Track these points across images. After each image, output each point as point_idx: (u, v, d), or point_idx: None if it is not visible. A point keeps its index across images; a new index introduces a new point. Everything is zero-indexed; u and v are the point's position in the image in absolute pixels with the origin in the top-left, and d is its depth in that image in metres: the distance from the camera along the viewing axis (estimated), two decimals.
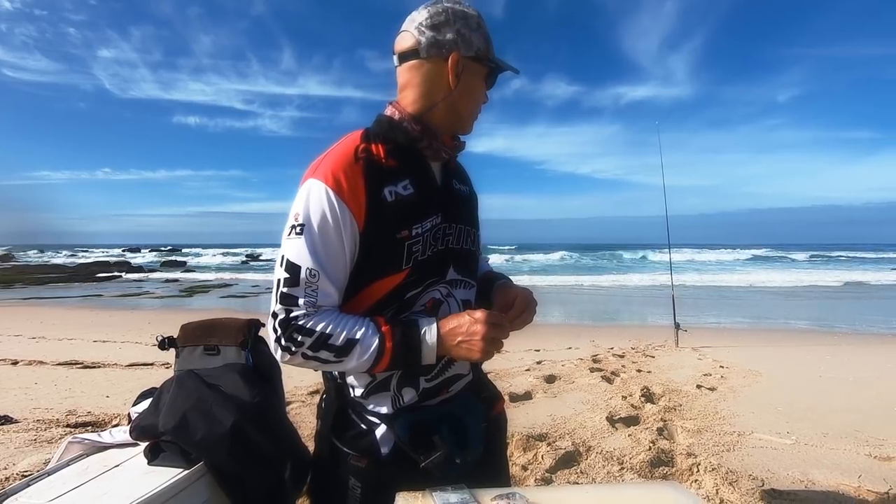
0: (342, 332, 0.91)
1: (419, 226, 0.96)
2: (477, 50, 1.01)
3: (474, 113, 1.07)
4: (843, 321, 9.21)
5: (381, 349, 0.91)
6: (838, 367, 5.03)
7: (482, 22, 1.02)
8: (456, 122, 1.05)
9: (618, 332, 7.90)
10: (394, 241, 0.94)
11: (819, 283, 17.73)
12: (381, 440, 1.01)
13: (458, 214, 1.06)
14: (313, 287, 0.91)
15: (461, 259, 1.05)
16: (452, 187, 1.08)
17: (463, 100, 1.03)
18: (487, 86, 1.07)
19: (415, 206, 0.97)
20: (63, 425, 3.14)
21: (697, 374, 4.70)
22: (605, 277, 21.63)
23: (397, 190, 0.96)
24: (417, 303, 0.99)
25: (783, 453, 2.80)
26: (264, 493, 1.18)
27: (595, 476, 2.49)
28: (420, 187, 0.99)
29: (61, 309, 11.47)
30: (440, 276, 1.01)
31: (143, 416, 1.29)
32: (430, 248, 0.98)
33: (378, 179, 0.94)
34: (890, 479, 2.44)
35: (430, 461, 0.97)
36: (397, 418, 1.00)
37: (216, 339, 1.48)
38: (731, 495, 2.27)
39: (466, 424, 1.03)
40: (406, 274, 0.96)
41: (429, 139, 1.01)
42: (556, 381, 4.44)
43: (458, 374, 1.06)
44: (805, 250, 45.49)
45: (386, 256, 0.95)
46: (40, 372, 4.82)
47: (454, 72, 0.99)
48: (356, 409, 1.04)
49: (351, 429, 1.04)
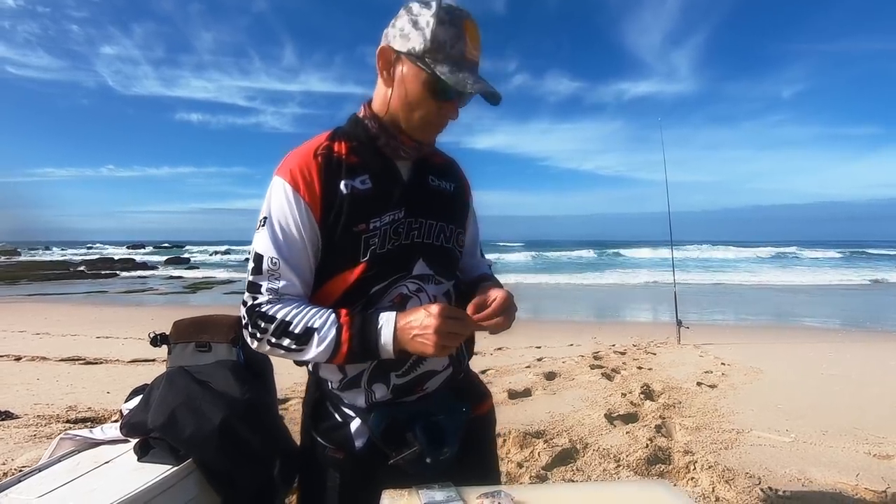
0: (301, 321, 0.93)
1: (377, 220, 0.97)
2: (411, 49, 0.93)
3: (418, 121, 0.98)
4: (850, 319, 9.16)
5: (338, 340, 0.91)
6: (841, 364, 4.99)
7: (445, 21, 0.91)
8: (406, 126, 1.00)
9: (620, 328, 7.88)
10: (351, 235, 0.96)
11: (825, 282, 17.62)
12: (355, 433, 1.03)
13: (429, 210, 1.03)
14: (275, 275, 0.95)
15: (431, 254, 1.03)
16: (427, 183, 1.06)
17: (402, 104, 0.98)
18: (437, 96, 0.95)
19: (372, 201, 0.98)
20: (63, 421, 3.16)
21: (698, 372, 4.68)
22: (607, 274, 21.61)
23: (354, 184, 0.98)
24: (384, 298, 0.99)
25: (781, 451, 2.79)
26: (253, 490, 1.19)
27: (591, 474, 2.48)
28: (379, 182, 1.00)
29: (65, 305, 11.55)
30: (406, 270, 1.00)
31: (133, 412, 1.30)
32: (390, 243, 0.98)
33: (335, 174, 0.97)
34: (888, 477, 2.42)
35: (399, 458, 0.98)
36: (371, 412, 1.01)
37: (208, 335, 1.49)
38: (726, 493, 2.26)
39: (442, 424, 1.02)
40: (364, 267, 0.97)
41: (386, 137, 1.01)
42: (556, 378, 4.44)
43: (432, 371, 1.04)
44: (810, 247, 45.21)
45: (344, 250, 0.97)
46: (43, 368, 4.85)
47: (380, 65, 0.98)
48: (333, 401, 1.06)
49: (327, 421, 1.06)
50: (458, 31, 0.92)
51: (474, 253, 1.21)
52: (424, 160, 1.07)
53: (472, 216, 1.18)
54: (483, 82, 0.93)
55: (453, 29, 0.92)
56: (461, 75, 0.91)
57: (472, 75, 0.93)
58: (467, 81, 0.91)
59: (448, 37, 0.91)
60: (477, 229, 1.22)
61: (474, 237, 1.21)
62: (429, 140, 1.04)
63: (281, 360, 1.20)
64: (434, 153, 1.12)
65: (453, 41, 0.92)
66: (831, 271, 21.17)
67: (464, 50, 0.93)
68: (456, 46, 0.92)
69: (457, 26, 0.92)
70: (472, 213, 1.18)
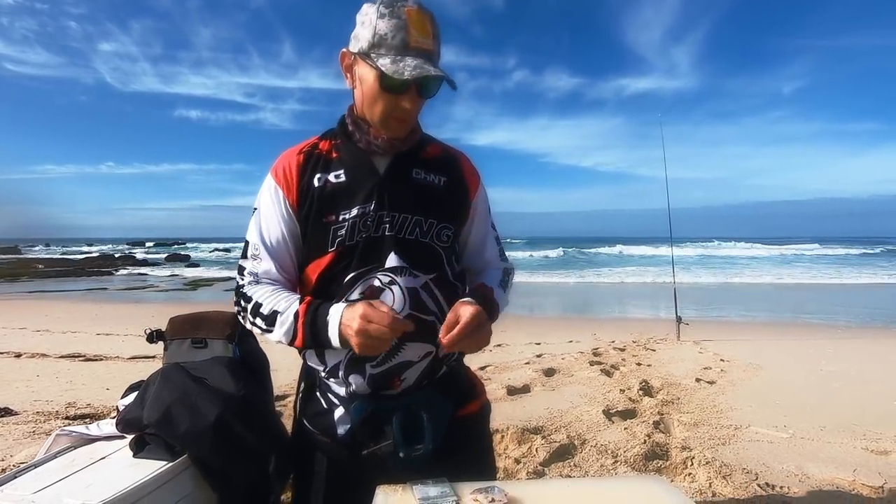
0: (270, 303, 1.00)
1: (346, 211, 1.02)
2: (360, 48, 0.98)
3: (378, 116, 1.01)
4: (848, 314, 9.15)
5: (294, 326, 0.97)
6: (841, 360, 4.99)
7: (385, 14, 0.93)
8: (371, 122, 1.04)
9: (620, 325, 7.88)
10: (321, 225, 1.02)
11: (826, 280, 17.61)
12: (338, 421, 1.07)
13: (404, 204, 1.03)
14: (257, 259, 1.05)
15: (405, 248, 1.02)
16: (409, 177, 1.06)
17: (363, 100, 1.03)
18: (388, 89, 0.97)
19: (342, 193, 1.03)
20: (62, 417, 3.17)
21: (697, 368, 4.68)
22: (607, 270, 21.60)
23: (328, 177, 1.04)
24: (356, 288, 1.01)
25: (779, 447, 2.79)
26: (248, 486, 1.19)
27: (588, 469, 2.49)
28: (353, 176, 1.04)
29: (66, 302, 11.56)
30: (377, 262, 1.01)
31: (129, 408, 1.30)
32: (358, 234, 1.01)
33: (312, 168, 1.05)
34: (885, 472, 2.42)
35: (373, 449, 1.01)
36: (353, 402, 1.04)
37: (204, 332, 1.49)
38: (723, 489, 2.27)
39: (421, 419, 1.02)
40: (332, 257, 1.01)
41: (360, 133, 1.06)
42: (556, 374, 4.44)
43: (407, 361, 1.03)
44: (812, 242, 45.18)
45: (315, 239, 1.03)
46: (43, 364, 4.86)
47: (343, 67, 1.05)
48: (322, 388, 1.10)
49: (315, 407, 1.11)
50: (398, 21, 0.94)
51: (481, 252, 1.18)
52: (410, 154, 1.07)
53: (475, 213, 1.14)
54: (425, 67, 0.93)
55: (394, 20, 0.94)
56: (401, 64, 0.93)
57: (416, 61, 0.94)
58: (406, 69, 0.92)
59: (388, 28, 0.94)
60: (486, 228, 1.18)
61: (481, 236, 1.17)
62: (395, 134, 1.04)
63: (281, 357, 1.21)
64: (426, 147, 1.11)
65: (394, 31, 0.94)
66: (832, 269, 21.15)
67: (406, 38, 0.94)
68: (397, 36, 0.94)
69: (397, 16, 0.94)
70: (475, 209, 1.14)
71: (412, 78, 0.93)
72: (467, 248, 1.17)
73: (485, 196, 1.18)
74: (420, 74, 0.93)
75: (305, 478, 1.12)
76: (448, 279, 1.08)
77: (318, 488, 1.09)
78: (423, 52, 0.95)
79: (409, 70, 0.92)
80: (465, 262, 1.18)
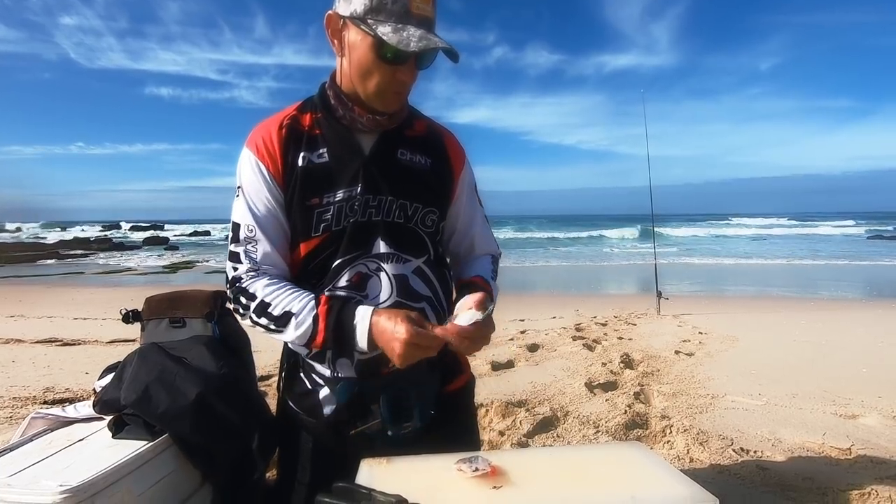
0: (280, 303, 0.93)
1: (330, 194, 0.96)
2: (353, 11, 0.88)
3: (371, 88, 0.93)
4: (820, 288, 9.45)
5: (314, 329, 0.91)
6: (812, 331, 5.17)
7: None
8: (363, 95, 0.95)
9: (601, 301, 8.01)
10: (304, 208, 0.96)
11: (798, 260, 18.09)
12: (323, 401, 1.03)
13: (390, 187, 0.98)
14: (252, 243, 0.97)
15: (392, 233, 0.99)
16: (395, 158, 1.01)
17: (353, 71, 0.93)
18: (386, 59, 0.90)
19: (325, 175, 0.97)
20: (40, 402, 3.11)
21: (676, 341, 4.80)
22: (590, 248, 21.85)
23: (311, 157, 0.97)
24: (343, 274, 0.97)
25: (753, 414, 2.89)
26: (231, 464, 1.18)
27: (571, 440, 2.55)
28: (336, 156, 0.98)
29: (41, 287, 11.26)
30: (364, 249, 0.97)
31: (106, 389, 1.27)
32: (345, 219, 0.96)
33: (295, 146, 0.97)
34: (853, 435, 2.53)
35: (361, 429, 0.99)
36: (339, 382, 1.01)
37: (182, 311, 1.46)
38: (700, 454, 2.35)
39: (409, 397, 1.00)
40: (317, 243, 0.96)
41: (343, 109, 0.98)
42: (539, 349, 4.51)
43: None
44: (785, 217, 46.27)
45: (299, 223, 0.97)
46: (18, 350, 4.75)
47: (328, 32, 0.95)
48: (305, 368, 1.06)
49: (299, 387, 1.07)
50: None
51: (468, 233, 1.15)
52: (395, 132, 1.02)
53: (462, 194, 1.11)
54: (431, 38, 0.87)
55: None
56: (405, 33, 0.85)
57: (420, 31, 0.87)
58: (411, 40, 0.85)
59: None
60: (473, 208, 1.15)
61: (468, 216, 1.14)
62: (390, 109, 0.98)
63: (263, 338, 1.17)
64: (411, 125, 1.05)
65: None
66: (808, 244, 21.71)
67: (408, 4, 0.87)
68: (399, 2, 0.86)
69: None
70: (461, 189, 1.11)
71: (419, 50, 0.85)
72: (454, 229, 1.13)
73: (471, 175, 1.15)
74: (427, 46, 0.85)
75: (291, 457, 1.10)
76: (436, 262, 1.07)
77: (304, 467, 1.07)
78: (425, 19, 0.89)
79: (415, 41, 0.84)
80: (452, 244, 1.15)
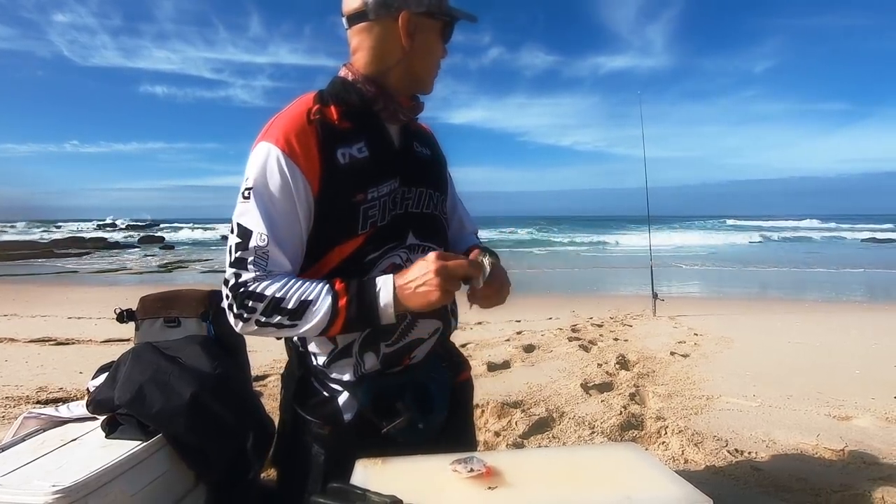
0: (294, 294, 0.88)
1: (375, 189, 0.95)
2: (428, 4, 0.97)
3: (433, 71, 1.04)
4: (814, 290, 9.49)
5: (334, 308, 0.87)
6: (807, 333, 5.19)
7: None
8: (414, 83, 1.03)
9: (598, 302, 8.01)
10: (349, 206, 0.93)
11: (792, 260, 18.17)
12: (343, 407, 1.01)
13: (419, 178, 1.04)
14: (263, 251, 0.89)
15: (422, 224, 1.03)
16: (413, 150, 1.06)
17: (419, 60, 1.00)
18: (444, 39, 1.03)
19: (370, 169, 0.96)
20: (33, 402, 3.09)
21: (672, 342, 4.81)
22: (585, 249, 21.91)
23: (352, 152, 0.95)
24: (376, 268, 0.97)
25: (748, 415, 2.91)
26: (225, 464, 1.18)
27: (566, 441, 2.55)
28: (376, 150, 0.98)
29: (35, 285, 11.19)
30: (400, 241, 1.00)
31: (100, 389, 1.27)
32: (388, 213, 0.97)
33: (331, 142, 0.93)
34: (846, 437, 2.55)
35: (391, 426, 0.98)
36: (360, 385, 1.00)
37: (176, 310, 1.45)
38: (695, 455, 2.36)
39: (430, 390, 1.03)
40: (363, 239, 0.95)
41: (384, 101, 0.99)
42: (535, 350, 4.51)
43: (419, 339, 1.03)
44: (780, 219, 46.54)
45: (342, 221, 0.94)
46: (11, 349, 4.72)
47: (406, 32, 0.96)
48: (319, 377, 1.04)
49: (313, 396, 1.03)
50: None
51: (455, 214, 1.23)
52: (408, 126, 1.07)
53: (451, 181, 1.20)
54: None
55: None
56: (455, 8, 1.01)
57: None
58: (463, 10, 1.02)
59: None
60: (454, 191, 1.23)
61: (454, 200, 1.23)
62: (430, 89, 1.06)
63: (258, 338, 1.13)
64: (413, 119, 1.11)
65: None
66: (802, 246, 21.82)
67: None
68: None
69: None
70: (450, 177, 1.20)
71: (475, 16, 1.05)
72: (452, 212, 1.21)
73: None
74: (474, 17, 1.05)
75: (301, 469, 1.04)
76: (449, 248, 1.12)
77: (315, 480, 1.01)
78: None
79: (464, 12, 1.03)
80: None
